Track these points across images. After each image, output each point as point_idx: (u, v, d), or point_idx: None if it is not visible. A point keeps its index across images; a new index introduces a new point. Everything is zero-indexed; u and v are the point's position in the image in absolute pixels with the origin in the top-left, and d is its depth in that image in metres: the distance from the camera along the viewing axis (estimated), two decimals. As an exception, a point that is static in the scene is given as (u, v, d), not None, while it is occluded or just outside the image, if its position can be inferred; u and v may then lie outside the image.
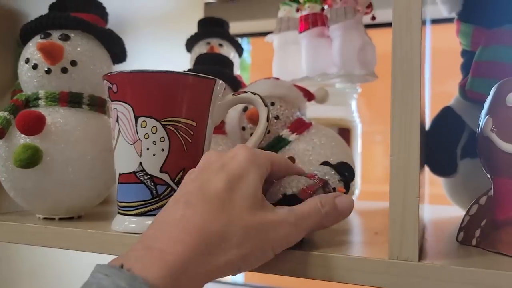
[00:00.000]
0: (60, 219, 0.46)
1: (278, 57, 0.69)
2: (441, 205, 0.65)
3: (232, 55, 0.69)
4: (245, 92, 0.42)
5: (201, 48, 0.68)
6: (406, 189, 0.30)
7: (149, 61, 0.73)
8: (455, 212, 0.54)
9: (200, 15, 0.90)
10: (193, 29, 0.71)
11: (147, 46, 0.74)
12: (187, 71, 0.57)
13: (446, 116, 0.51)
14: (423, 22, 0.33)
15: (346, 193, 0.37)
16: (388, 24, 0.31)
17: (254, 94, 0.42)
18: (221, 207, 0.29)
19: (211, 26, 0.69)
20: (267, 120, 0.41)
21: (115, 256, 0.29)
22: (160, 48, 0.78)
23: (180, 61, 0.74)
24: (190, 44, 0.69)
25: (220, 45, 0.68)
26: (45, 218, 0.46)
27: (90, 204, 0.47)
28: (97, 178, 0.45)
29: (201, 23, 0.71)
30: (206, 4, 0.94)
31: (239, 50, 0.71)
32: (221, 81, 0.41)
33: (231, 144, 0.54)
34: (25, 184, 0.43)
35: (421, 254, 0.31)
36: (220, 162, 0.32)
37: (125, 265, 0.27)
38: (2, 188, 0.46)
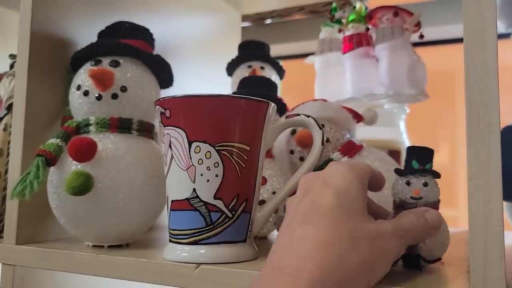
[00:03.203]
0: (109, 246, 0.45)
1: (321, 79, 0.68)
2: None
3: (274, 77, 0.68)
4: (298, 114, 0.41)
5: (242, 71, 0.67)
6: (488, 217, 0.27)
7: (189, 86, 0.73)
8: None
9: (238, 39, 0.90)
10: (231, 53, 0.71)
11: (186, 71, 0.74)
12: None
13: (508, 136, 0.48)
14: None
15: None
16: (436, 42, 0.30)
17: (308, 116, 0.40)
18: (339, 220, 0.29)
19: (252, 49, 0.69)
20: (322, 143, 0.40)
21: (166, 286, 0.28)
22: (199, 73, 0.78)
23: (219, 85, 0.73)
24: (232, 67, 0.69)
25: (262, 67, 0.67)
26: (94, 246, 0.45)
27: (139, 231, 0.47)
28: (146, 204, 0.45)
29: (242, 46, 0.71)
30: (243, 28, 0.94)
31: (281, 72, 0.70)
32: (273, 104, 0.40)
33: (278, 168, 0.53)
34: (76, 211, 0.43)
35: (505, 289, 0.29)
36: (321, 180, 0.31)
37: None
38: (51, 215, 0.46)
